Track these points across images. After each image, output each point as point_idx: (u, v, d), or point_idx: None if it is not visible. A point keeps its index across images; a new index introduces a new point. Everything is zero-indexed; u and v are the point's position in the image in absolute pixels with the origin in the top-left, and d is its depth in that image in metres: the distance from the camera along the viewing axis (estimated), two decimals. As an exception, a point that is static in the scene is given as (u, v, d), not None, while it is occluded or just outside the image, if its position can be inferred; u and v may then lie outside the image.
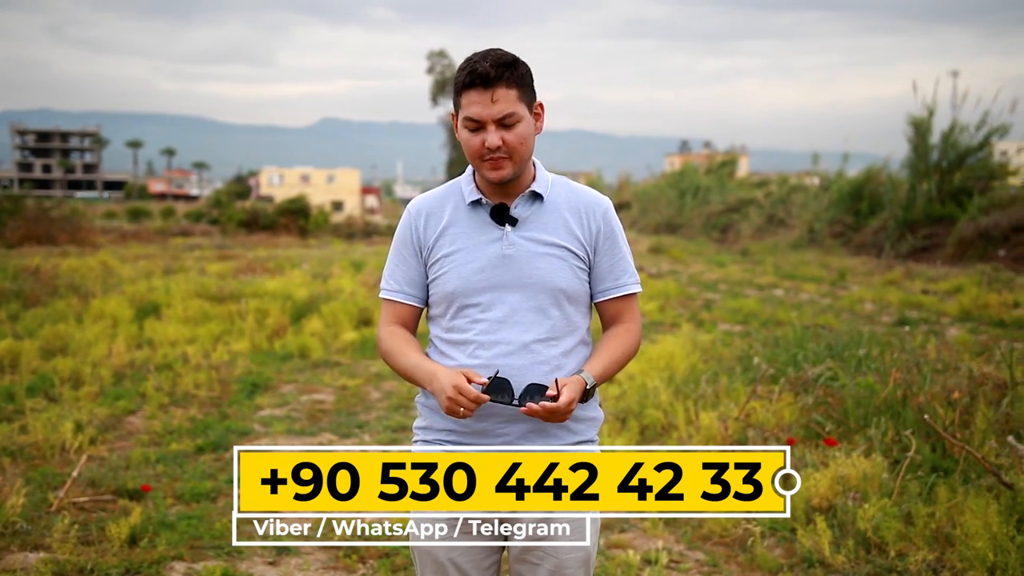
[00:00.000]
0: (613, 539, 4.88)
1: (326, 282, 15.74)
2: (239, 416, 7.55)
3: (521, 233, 2.54)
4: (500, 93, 2.44)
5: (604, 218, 2.57)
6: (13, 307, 12.58)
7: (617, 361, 2.57)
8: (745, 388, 6.54)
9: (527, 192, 2.56)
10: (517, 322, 2.52)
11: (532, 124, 2.51)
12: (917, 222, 26.35)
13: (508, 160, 2.47)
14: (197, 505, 5.37)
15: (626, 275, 2.59)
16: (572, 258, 2.54)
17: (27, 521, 4.94)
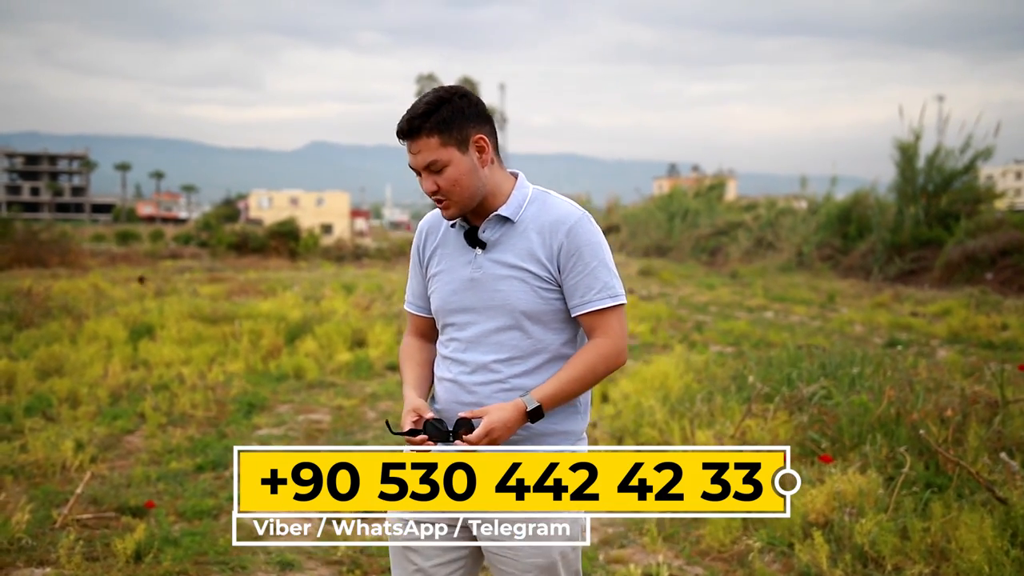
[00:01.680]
0: (613, 554, 4.94)
1: (319, 304, 15.77)
2: (237, 435, 7.59)
3: (489, 256, 2.62)
4: (420, 144, 2.53)
5: (568, 235, 2.56)
6: (6, 328, 12.59)
7: (575, 379, 2.54)
8: (740, 407, 6.62)
9: (493, 216, 2.63)
10: (481, 343, 2.62)
11: (467, 161, 2.55)
12: (905, 245, 26.55)
13: (449, 201, 2.58)
14: (199, 522, 5.40)
15: (591, 292, 2.56)
16: (532, 279, 2.58)
17: (32, 537, 4.97)
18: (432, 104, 2.53)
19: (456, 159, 2.53)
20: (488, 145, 2.60)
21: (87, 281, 20.39)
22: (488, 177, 2.59)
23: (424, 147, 2.52)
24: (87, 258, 31.07)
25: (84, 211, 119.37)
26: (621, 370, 10.01)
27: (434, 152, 2.52)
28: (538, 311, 2.58)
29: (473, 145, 2.56)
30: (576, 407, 2.64)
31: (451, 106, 2.53)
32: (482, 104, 2.63)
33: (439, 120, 2.51)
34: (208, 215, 71.40)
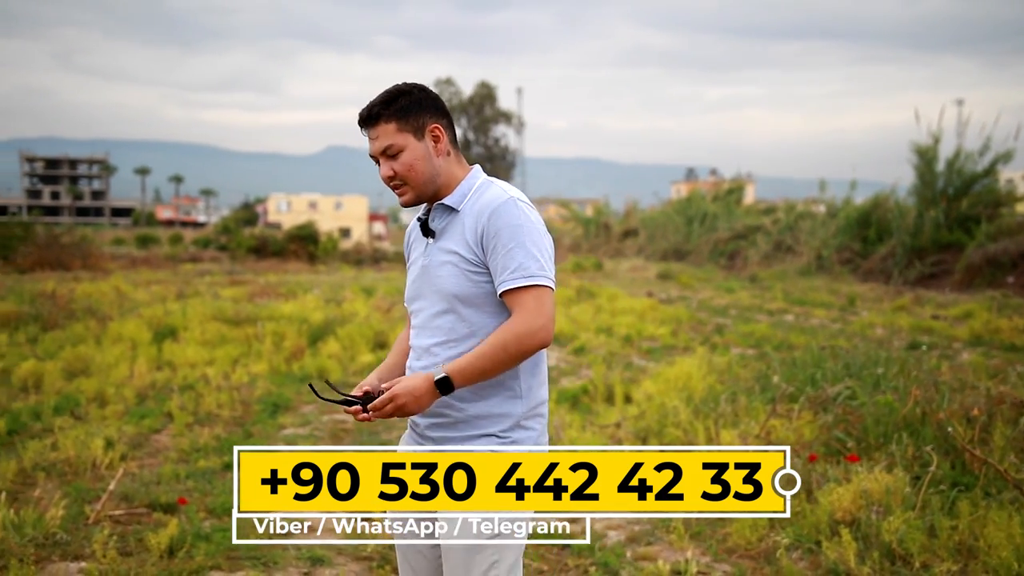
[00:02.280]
0: (640, 551, 4.97)
1: (340, 306, 15.86)
2: (263, 435, 7.66)
3: (437, 244, 2.74)
4: (378, 130, 2.68)
5: (490, 218, 2.62)
6: (32, 330, 12.72)
7: (485, 355, 2.56)
8: (764, 407, 6.64)
9: (438, 205, 2.74)
10: (426, 328, 2.73)
11: (422, 148, 2.69)
12: (925, 249, 26.42)
13: (405, 186, 2.71)
14: (228, 519, 5.46)
15: (507, 271, 2.59)
16: (462, 263, 2.66)
17: (66, 532, 5.05)
18: (391, 94, 2.69)
19: (411, 145, 2.68)
20: (443, 135, 2.73)
21: (109, 284, 20.52)
22: (443, 167, 2.72)
23: (382, 133, 2.68)
24: (108, 261, 31.23)
25: (104, 215, 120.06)
26: (642, 370, 10.05)
27: (391, 137, 2.67)
28: (469, 294, 2.65)
29: (429, 134, 2.71)
30: (513, 390, 2.66)
31: (409, 97, 2.69)
32: (440, 100, 2.76)
33: (397, 108, 2.67)
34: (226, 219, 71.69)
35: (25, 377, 9.40)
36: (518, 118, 76.50)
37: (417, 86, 2.73)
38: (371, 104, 2.68)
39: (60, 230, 36.38)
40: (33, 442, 6.68)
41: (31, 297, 16.09)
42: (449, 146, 2.73)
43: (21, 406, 8.25)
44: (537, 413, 2.70)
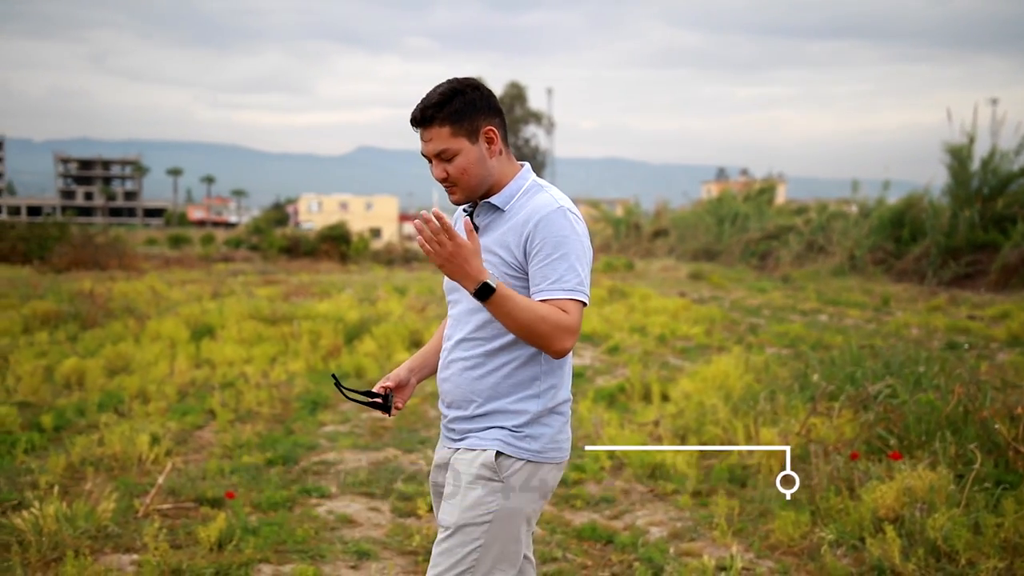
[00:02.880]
0: (683, 547, 5.00)
1: (374, 305, 15.95)
2: (304, 432, 7.74)
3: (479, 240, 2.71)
4: (432, 132, 2.66)
5: (536, 226, 2.62)
6: (72, 328, 12.90)
7: (526, 308, 2.55)
8: (804, 405, 6.64)
9: (484, 203, 2.76)
10: (459, 320, 2.76)
11: (476, 151, 2.68)
12: (959, 249, 26.20)
13: (456, 187, 2.71)
14: (275, 513, 5.54)
15: (547, 281, 2.59)
16: (501, 264, 2.66)
17: (117, 525, 5.14)
18: (445, 95, 2.66)
19: (466, 149, 2.66)
20: (497, 136, 2.72)
21: (144, 283, 20.72)
22: (495, 167, 2.72)
23: (436, 136, 2.65)
24: (142, 261, 31.50)
25: (136, 215, 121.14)
26: (678, 369, 10.05)
27: (445, 141, 2.65)
28: None
29: (483, 136, 2.69)
30: (532, 389, 2.69)
31: (464, 98, 2.66)
32: (493, 97, 2.75)
33: (451, 111, 2.64)
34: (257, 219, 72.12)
35: (68, 374, 9.54)
36: (548, 118, 76.45)
37: (471, 84, 2.70)
38: (425, 105, 2.66)
39: (95, 230, 36.76)
40: (80, 438, 6.79)
41: (69, 296, 16.30)
42: (501, 145, 2.73)
43: (65, 403, 8.38)
44: (556, 412, 2.73)
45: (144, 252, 36.88)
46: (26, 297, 16.06)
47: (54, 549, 4.72)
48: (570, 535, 5.24)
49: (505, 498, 2.63)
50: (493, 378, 2.69)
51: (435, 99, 2.65)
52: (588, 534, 5.23)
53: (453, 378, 2.75)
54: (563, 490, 6.08)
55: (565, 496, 5.93)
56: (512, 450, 2.65)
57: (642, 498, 5.95)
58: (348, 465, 6.73)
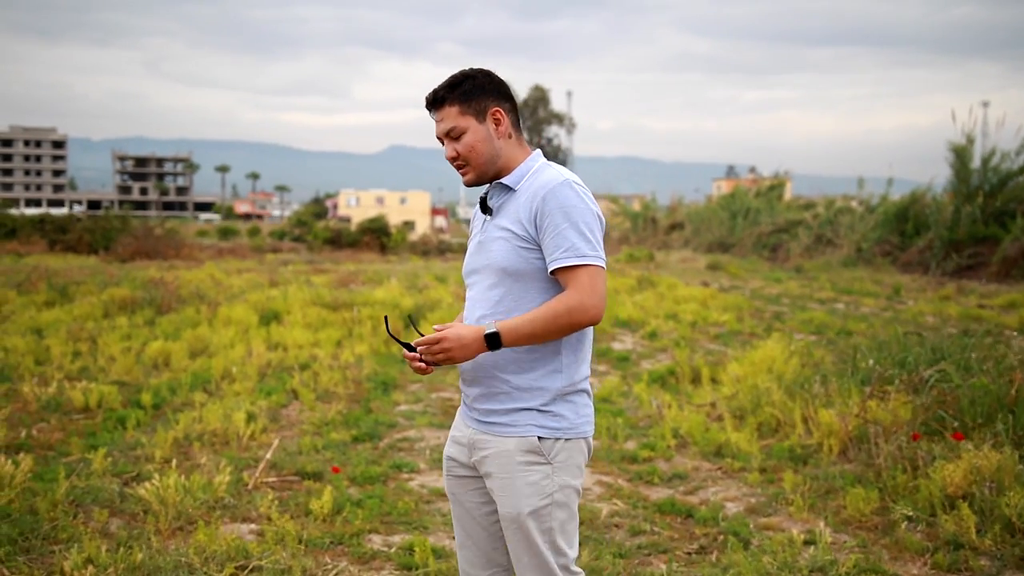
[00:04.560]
0: (762, 522, 4.94)
1: (421, 292, 15.92)
2: (382, 410, 7.71)
3: (493, 221, 2.69)
4: (443, 112, 2.65)
5: (543, 199, 2.56)
6: (148, 313, 12.92)
7: (536, 319, 2.50)
8: (856, 388, 6.55)
9: (496, 184, 2.71)
10: (477, 300, 2.69)
11: (484, 130, 2.65)
12: (962, 242, 26.01)
13: (467, 166, 2.67)
14: (371, 487, 5.50)
15: (559, 250, 2.52)
16: (514, 239, 2.60)
17: (232, 496, 5.12)
18: (456, 79, 2.67)
19: (473, 127, 2.64)
20: (504, 118, 2.68)
21: (204, 272, 20.76)
22: (503, 149, 2.68)
23: (446, 116, 2.65)
24: (198, 251, 31.62)
25: (187, 209, 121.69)
26: (720, 354, 9.96)
27: (453, 120, 2.64)
28: (517, 268, 2.60)
29: (490, 117, 2.66)
30: (556, 366, 2.60)
31: (473, 81, 2.66)
32: (505, 85, 2.73)
33: (460, 92, 2.64)
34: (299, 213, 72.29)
35: (155, 356, 9.55)
36: (569, 119, 76.25)
37: (482, 71, 2.70)
38: (437, 88, 2.67)
39: (153, 223, 36.92)
40: (182, 415, 6.79)
41: (142, 283, 16.35)
42: (511, 129, 2.69)
43: (157, 382, 8.37)
44: (579, 388, 2.64)
45: (197, 243, 36.99)
46: (104, 285, 16.11)
47: (177, 518, 4.71)
48: (651, 509, 5.18)
49: (557, 477, 2.57)
50: (514, 353, 2.59)
51: (446, 82, 2.67)
52: (668, 508, 5.17)
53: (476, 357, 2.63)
54: (636, 467, 6.03)
55: (639, 472, 5.88)
56: (548, 431, 2.58)
57: (711, 475, 5.89)
58: (430, 442, 6.69)
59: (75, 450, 6.13)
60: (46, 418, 7.14)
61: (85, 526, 4.62)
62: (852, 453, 5.87)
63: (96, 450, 5.91)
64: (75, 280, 17.06)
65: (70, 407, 7.42)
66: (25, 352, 9.59)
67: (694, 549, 4.58)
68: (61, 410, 7.35)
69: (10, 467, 4.97)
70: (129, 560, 4.00)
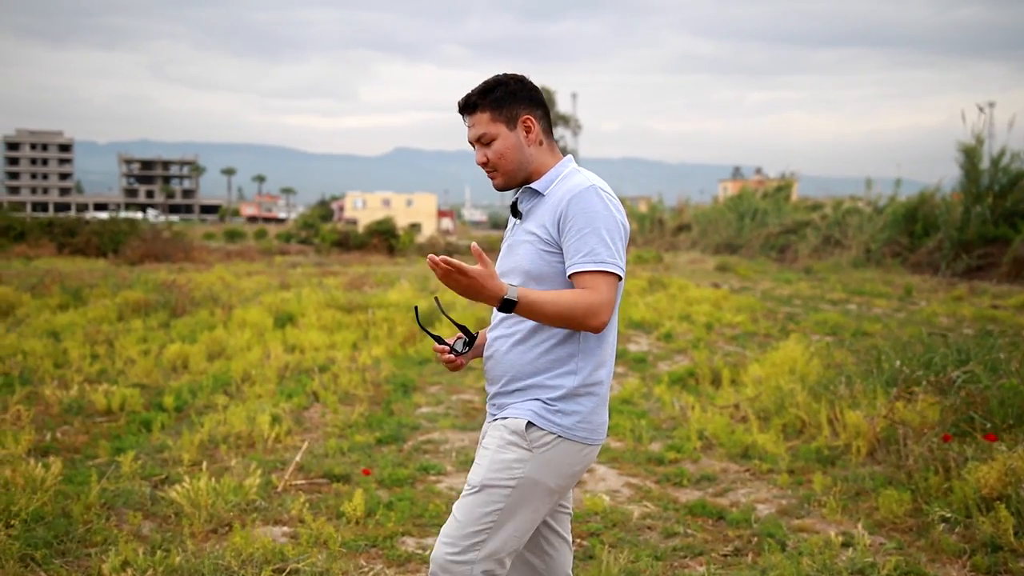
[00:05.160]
0: (796, 524, 4.92)
1: (433, 295, 15.90)
2: (404, 413, 7.69)
3: (522, 225, 2.72)
4: (475, 118, 2.68)
5: (568, 203, 2.58)
6: (162, 316, 12.92)
7: (553, 301, 2.50)
8: (882, 390, 6.53)
9: (526, 188, 2.72)
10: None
11: (514, 137, 2.67)
12: (971, 242, 25.95)
13: (496, 172, 2.70)
14: (400, 490, 5.49)
15: (579, 255, 2.54)
16: (538, 242, 2.62)
17: (262, 499, 5.11)
18: (489, 85, 2.69)
19: (504, 134, 2.66)
20: (535, 126, 2.70)
21: (214, 275, 20.77)
22: (534, 155, 2.70)
23: (477, 122, 2.67)
24: (206, 254, 31.64)
25: (193, 212, 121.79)
26: (738, 355, 9.93)
27: (485, 126, 2.66)
28: (541, 272, 2.61)
29: (521, 124, 2.68)
30: (569, 366, 2.61)
31: (505, 88, 2.68)
32: (537, 91, 2.74)
33: (492, 99, 2.66)
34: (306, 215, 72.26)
35: (173, 358, 9.55)
36: (575, 121, 76.23)
37: (515, 77, 2.71)
38: (470, 93, 2.69)
39: (162, 226, 36.96)
40: (207, 417, 6.78)
41: (154, 286, 16.36)
42: (541, 135, 2.72)
43: (177, 384, 8.37)
44: (590, 392, 2.63)
45: (204, 246, 37.01)
46: (117, 288, 16.12)
47: (209, 521, 4.70)
48: (682, 511, 5.16)
49: (532, 467, 2.56)
50: (532, 354, 2.63)
51: (479, 88, 2.69)
52: (699, 510, 5.15)
53: (496, 355, 2.70)
54: (663, 468, 6.01)
55: (667, 474, 5.86)
56: (542, 421, 2.58)
57: (740, 477, 5.86)
58: (455, 444, 6.67)
59: (102, 453, 6.12)
60: (69, 421, 7.14)
61: (118, 529, 4.61)
62: (880, 455, 5.85)
63: (123, 453, 5.91)
64: (88, 283, 17.09)
65: (92, 410, 7.42)
66: (43, 355, 9.60)
67: (729, 551, 4.56)
68: (83, 413, 7.35)
69: (40, 470, 4.96)
70: (167, 563, 3.99)
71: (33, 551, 4.22)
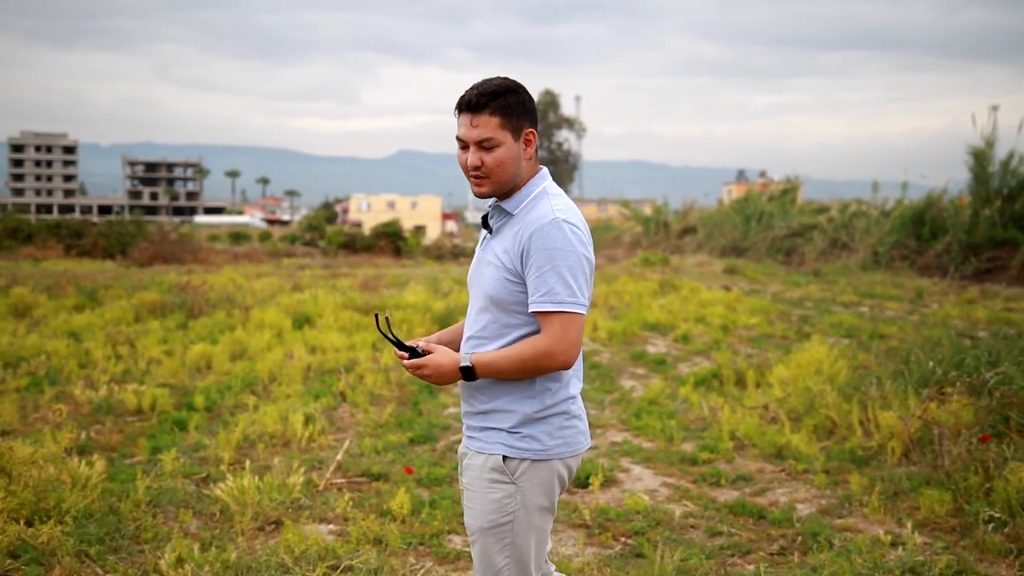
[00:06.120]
0: (839, 523, 4.93)
1: (447, 297, 15.92)
2: (432, 413, 7.71)
3: (490, 241, 2.68)
4: (482, 119, 2.55)
5: (531, 238, 2.53)
6: (179, 317, 12.95)
7: (507, 358, 2.53)
8: (913, 391, 6.54)
9: (497, 206, 2.67)
10: (471, 318, 2.70)
11: (515, 149, 2.59)
12: (980, 245, 25.97)
13: (487, 179, 2.59)
14: (439, 488, 5.51)
15: (537, 293, 2.51)
16: (503, 270, 2.58)
17: (306, 497, 5.13)
18: (501, 88, 2.58)
19: (508, 143, 2.57)
20: (534, 142, 2.66)
21: (224, 276, 20.79)
22: (524, 170, 2.63)
23: (484, 124, 2.55)
24: (214, 256, 31.67)
25: (197, 214, 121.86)
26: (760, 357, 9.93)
27: (492, 131, 2.55)
28: (503, 298, 2.58)
29: (524, 136, 2.61)
30: (529, 392, 2.58)
31: (516, 96, 2.59)
32: (535, 106, 2.71)
33: (504, 104, 2.56)
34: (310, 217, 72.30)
35: (197, 359, 9.57)
36: (579, 124, 76.26)
37: (522, 87, 2.63)
38: (480, 91, 2.57)
39: (169, 228, 37.01)
40: (240, 416, 6.80)
41: (169, 288, 16.40)
42: (533, 152, 2.67)
43: (205, 385, 8.39)
44: (555, 412, 2.60)
45: (210, 247, 37.03)
46: (132, 289, 16.16)
47: (255, 519, 4.72)
48: (723, 511, 5.18)
49: (522, 497, 2.58)
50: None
51: (491, 88, 2.57)
52: (740, 510, 5.17)
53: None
54: (698, 469, 6.03)
55: (702, 474, 5.88)
56: (514, 452, 2.57)
57: (776, 477, 5.88)
58: (487, 444, 6.68)
59: (140, 452, 6.15)
60: (100, 420, 7.17)
61: (167, 526, 4.64)
62: (915, 455, 5.87)
63: (160, 452, 5.94)
64: (102, 284, 17.13)
65: (123, 409, 7.46)
66: (66, 355, 9.63)
67: (775, 550, 4.57)
68: (114, 412, 7.39)
69: (85, 468, 4.99)
70: (223, 559, 4.01)
71: (87, 547, 4.25)
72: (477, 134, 2.56)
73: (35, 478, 4.59)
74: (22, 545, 4.18)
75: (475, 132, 2.56)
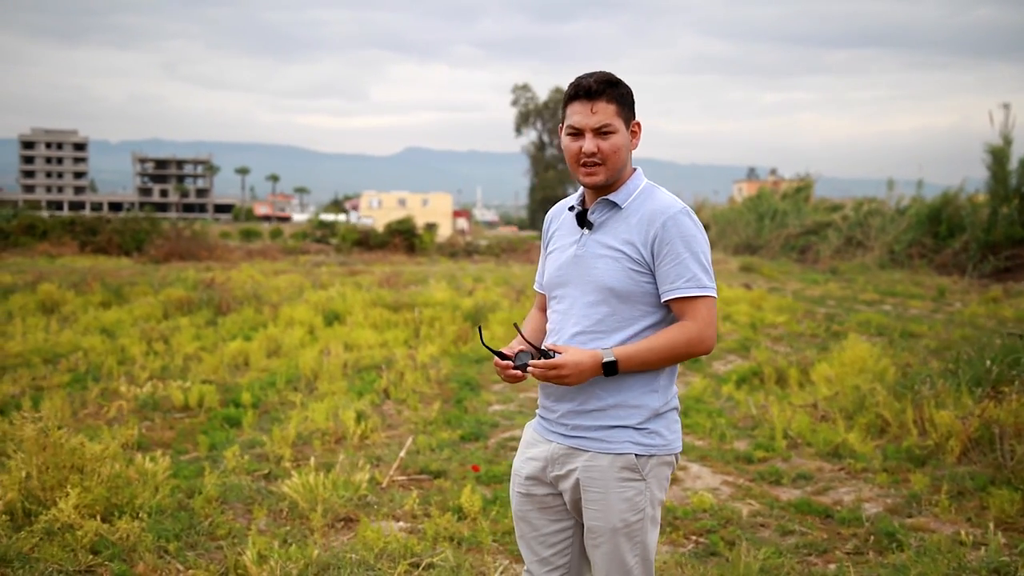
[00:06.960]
0: (909, 523, 4.90)
1: (472, 295, 15.88)
2: (478, 410, 7.69)
3: (593, 236, 2.63)
4: (600, 106, 2.56)
5: (663, 225, 2.53)
6: (207, 314, 12.95)
7: (654, 349, 2.51)
8: (967, 390, 6.51)
9: (602, 200, 2.64)
10: (572, 315, 2.62)
11: (627, 138, 2.61)
12: (998, 244, 25.88)
13: (602, 167, 2.58)
14: (499, 486, 5.49)
15: (681, 280, 2.52)
16: (626, 260, 2.56)
17: (372, 494, 5.12)
18: (615, 79, 2.61)
19: (622, 131, 2.59)
20: (639, 133, 2.67)
21: (243, 273, 20.80)
22: (628, 162, 2.65)
23: (603, 111, 2.56)
24: (229, 253, 31.67)
25: (207, 211, 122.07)
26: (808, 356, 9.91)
27: (611, 117, 2.57)
28: (626, 290, 2.56)
29: (632, 127, 2.64)
30: (654, 386, 2.57)
31: (626, 88, 2.63)
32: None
33: (620, 93, 2.59)
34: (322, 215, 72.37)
35: (235, 356, 9.57)
36: (588, 122, 76.11)
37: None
38: (598, 79, 2.58)
39: (183, 225, 37.04)
40: (294, 413, 6.79)
41: (194, 285, 16.41)
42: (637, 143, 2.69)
43: (246, 381, 8.39)
44: (672, 407, 2.63)
45: (224, 244, 37.04)
46: (159, 286, 16.18)
47: (325, 515, 4.71)
48: (789, 510, 5.15)
49: (650, 492, 2.58)
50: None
51: (607, 77, 2.59)
52: (805, 508, 5.14)
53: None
54: (754, 467, 6.01)
55: (760, 473, 5.85)
56: (644, 449, 2.56)
57: (836, 476, 5.85)
58: (539, 441, 6.66)
59: (198, 448, 6.15)
60: (148, 416, 7.17)
61: (239, 522, 4.63)
62: (975, 454, 5.83)
63: (216, 449, 5.93)
64: (127, 281, 17.15)
65: (169, 405, 7.46)
66: (103, 352, 9.63)
67: (850, 549, 4.55)
68: (160, 408, 7.39)
69: (151, 465, 4.98)
70: (306, 555, 4.00)
71: (165, 543, 4.25)
72: (596, 120, 2.57)
73: (106, 474, 4.58)
74: (100, 541, 4.18)
75: (594, 119, 2.57)
